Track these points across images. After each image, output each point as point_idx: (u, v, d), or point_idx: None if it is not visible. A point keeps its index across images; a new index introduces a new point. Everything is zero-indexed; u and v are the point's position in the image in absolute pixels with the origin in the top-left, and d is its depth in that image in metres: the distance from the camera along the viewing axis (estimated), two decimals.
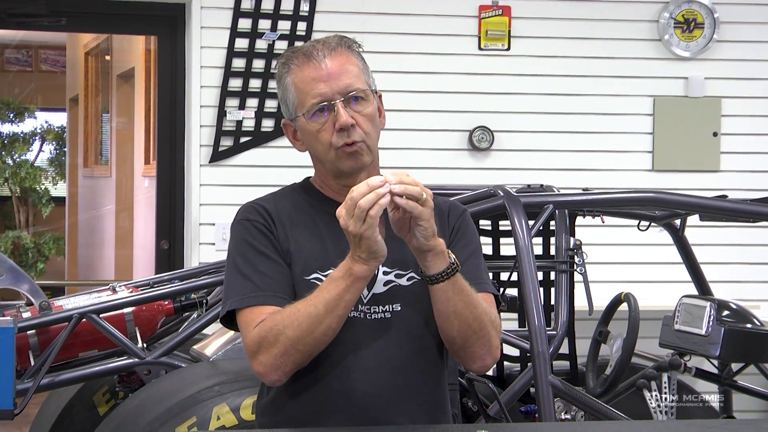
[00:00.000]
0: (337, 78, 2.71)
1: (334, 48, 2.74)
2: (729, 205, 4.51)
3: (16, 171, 12.23)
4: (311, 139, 2.75)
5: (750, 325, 4.31)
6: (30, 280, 4.40)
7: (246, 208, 2.79)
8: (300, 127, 2.77)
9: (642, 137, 6.95)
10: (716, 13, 6.95)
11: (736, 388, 4.83)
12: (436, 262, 2.59)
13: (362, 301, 2.69)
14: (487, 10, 6.81)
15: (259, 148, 6.50)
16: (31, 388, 4.11)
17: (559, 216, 4.40)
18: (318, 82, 2.70)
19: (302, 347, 2.60)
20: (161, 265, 6.73)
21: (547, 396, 3.91)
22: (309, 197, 2.81)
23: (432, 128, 6.74)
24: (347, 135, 2.69)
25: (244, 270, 2.71)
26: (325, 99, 2.70)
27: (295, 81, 2.74)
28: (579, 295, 4.41)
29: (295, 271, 2.71)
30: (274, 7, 6.60)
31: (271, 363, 2.63)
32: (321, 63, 2.71)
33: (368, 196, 2.46)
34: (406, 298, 2.72)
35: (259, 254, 2.71)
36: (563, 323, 4.30)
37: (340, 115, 2.68)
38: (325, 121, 2.70)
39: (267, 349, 2.61)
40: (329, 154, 2.72)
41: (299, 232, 2.74)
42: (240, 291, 2.70)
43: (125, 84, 9.75)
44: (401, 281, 2.73)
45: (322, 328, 2.57)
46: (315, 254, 2.70)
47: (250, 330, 2.66)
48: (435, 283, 2.61)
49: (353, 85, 2.72)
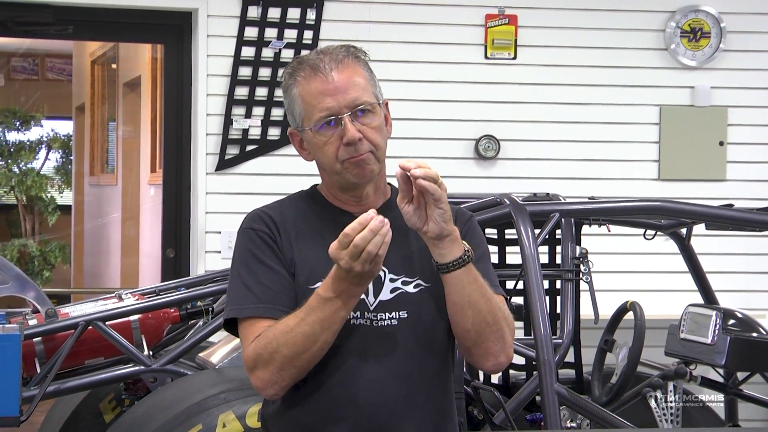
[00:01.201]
0: (344, 92, 2.70)
1: (341, 60, 2.73)
2: (735, 214, 4.51)
3: (22, 179, 12.24)
4: (318, 152, 2.75)
5: (756, 334, 4.31)
6: (36, 288, 4.40)
7: (252, 216, 2.80)
8: (307, 139, 2.77)
9: (648, 146, 6.96)
10: (723, 23, 6.95)
11: (742, 397, 4.82)
12: (452, 249, 2.59)
13: (368, 309, 2.69)
14: (494, 19, 6.81)
15: (265, 156, 6.50)
16: (37, 395, 4.11)
17: (565, 225, 4.40)
18: (325, 96, 2.70)
19: (298, 363, 2.62)
20: (167, 273, 6.73)
21: (553, 404, 3.91)
22: (316, 205, 2.81)
23: (438, 137, 6.74)
24: (354, 149, 2.69)
25: (246, 280, 2.71)
26: (332, 113, 2.69)
27: (301, 93, 2.73)
28: (585, 303, 4.41)
29: (300, 281, 2.71)
30: (280, 16, 6.61)
31: (268, 378, 2.65)
32: (328, 76, 2.71)
33: (374, 240, 2.48)
34: (413, 305, 2.72)
35: (262, 265, 2.71)
36: (569, 332, 4.30)
37: (348, 130, 2.68)
38: (332, 135, 2.70)
39: (263, 365, 2.63)
40: (335, 166, 2.72)
41: (304, 242, 2.74)
42: (240, 300, 2.71)
43: (131, 92, 9.76)
44: (408, 288, 2.73)
45: (319, 345, 2.59)
46: (320, 263, 2.69)
47: (248, 343, 2.67)
48: (450, 271, 2.61)
49: (360, 99, 2.71)
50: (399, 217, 2.64)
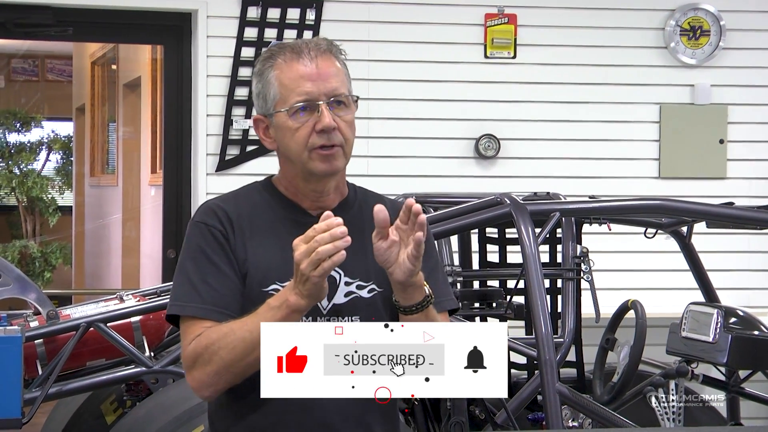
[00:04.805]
0: (325, 79, 2.67)
1: (324, 51, 2.70)
2: (736, 212, 4.51)
3: (22, 180, 12.24)
4: (286, 137, 2.70)
5: (757, 332, 4.31)
6: (37, 290, 4.41)
7: (205, 209, 2.75)
8: (276, 124, 2.71)
9: (648, 145, 6.96)
10: (722, 21, 6.95)
11: (744, 395, 4.82)
12: (414, 294, 2.56)
13: (321, 313, 2.66)
14: (493, 18, 6.81)
15: (265, 156, 6.50)
16: (38, 397, 4.12)
17: (566, 224, 4.41)
18: (306, 80, 2.66)
19: (234, 370, 2.56)
20: (168, 274, 6.73)
21: (555, 403, 3.91)
22: (272, 199, 2.77)
23: (438, 136, 6.74)
24: (327, 138, 2.66)
25: (193, 277, 2.66)
26: (310, 98, 2.66)
27: (279, 76, 2.69)
28: (586, 302, 4.41)
29: (252, 284, 2.66)
30: (280, 16, 6.62)
31: (204, 380, 2.60)
32: (311, 62, 2.67)
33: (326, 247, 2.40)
34: (367, 309, 2.68)
35: (211, 264, 2.66)
36: (570, 331, 4.30)
37: (324, 116, 2.64)
38: (306, 121, 2.66)
39: (201, 366, 2.58)
40: (303, 154, 2.67)
41: (258, 241, 2.69)
42: (184, 297, 2.66)
43: (132, 93, 9.76)
44: (362, 293, 2.69)
45: (255, 355, 2.45)
46: (275, 264, 2.65)
47: (187, 343, 2.63)
48: (409, 314, 2.57)
49: (339, 89, 2.68)
50: (356, 217, 2.65)
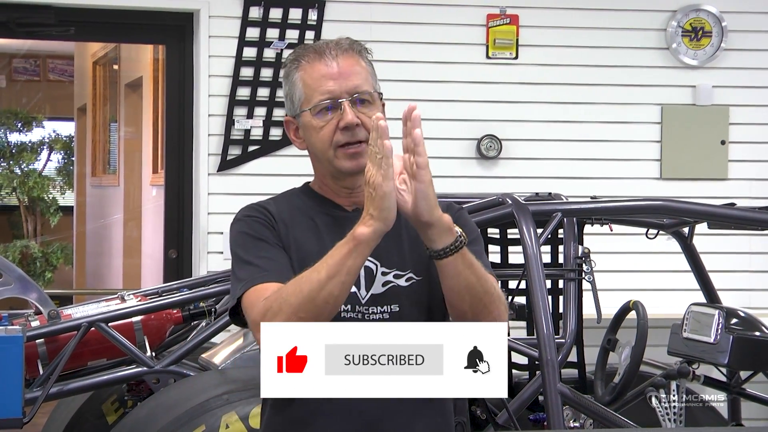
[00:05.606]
0: (346, 78, 2.73)
1: (346, 49, 2.76)
2: (737, 213, 4.51)
3: (24, 180, 12.26)
4: (312, 136, 2.75)
5: (758, 333, 4.31)
6: (38, 289, 4.41)
7: (245, 208, 2.80)
8: (303, 124, 2.77)
9: (650, 145, 6.96)
10: (724, 22, 6.96)
11: (745, 396, 4.82)
12: (444, 236, 2.55)
13: (360, 302, 2.69)
14: (495, 18, 6.82)
15: (267, 156, 6.50)
16: (40, 396, 4.12)
17: (568, 224, 4.40)
18: (327, 79, 2.72)
19: (303, 314, 2.51)
20: (169, 274, 6.74)
21: (556, 404, 3.91)
22: (308, 199, 2.82)
23: (440, 137, 6.74)
24: (351, 135, 2.70)
25: (246, 257, 2.69)
26: (332, 96, 2.71)
27: (303, 77, 2.75)
28: (587, 303, 4.41)
29: (294, 268, 2.67)
30: (282, 16, 6.62)
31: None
32: (333, 61, 2.73)
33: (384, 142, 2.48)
34: (405, 298, 2.71)
35: (260, 241, 2.70)
36: (572, 331, 4.30)
37: (346, 114, 2.70)
38: (330, 119, 2.71)
39: (271, 318, 2.53)
40: (328, 152, 2.72)
41: (299, 232, 2.74)
42: (245, 277, 2.67)
43: (133, 93, 9.76)
44: (400, 282, 2.72)
45: (323, 295, 2.49)
46: (314, 253, 2.66)
47: (255, 306, 2.61)
48: (444, 257, 2.56)
49: (361, 87, 2.73)
50: None
